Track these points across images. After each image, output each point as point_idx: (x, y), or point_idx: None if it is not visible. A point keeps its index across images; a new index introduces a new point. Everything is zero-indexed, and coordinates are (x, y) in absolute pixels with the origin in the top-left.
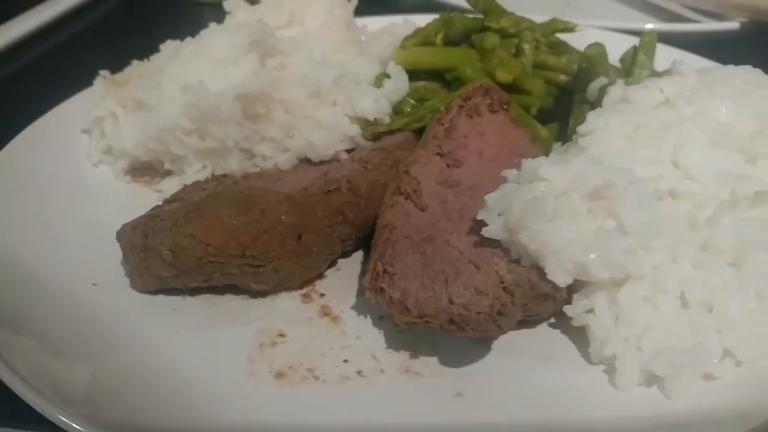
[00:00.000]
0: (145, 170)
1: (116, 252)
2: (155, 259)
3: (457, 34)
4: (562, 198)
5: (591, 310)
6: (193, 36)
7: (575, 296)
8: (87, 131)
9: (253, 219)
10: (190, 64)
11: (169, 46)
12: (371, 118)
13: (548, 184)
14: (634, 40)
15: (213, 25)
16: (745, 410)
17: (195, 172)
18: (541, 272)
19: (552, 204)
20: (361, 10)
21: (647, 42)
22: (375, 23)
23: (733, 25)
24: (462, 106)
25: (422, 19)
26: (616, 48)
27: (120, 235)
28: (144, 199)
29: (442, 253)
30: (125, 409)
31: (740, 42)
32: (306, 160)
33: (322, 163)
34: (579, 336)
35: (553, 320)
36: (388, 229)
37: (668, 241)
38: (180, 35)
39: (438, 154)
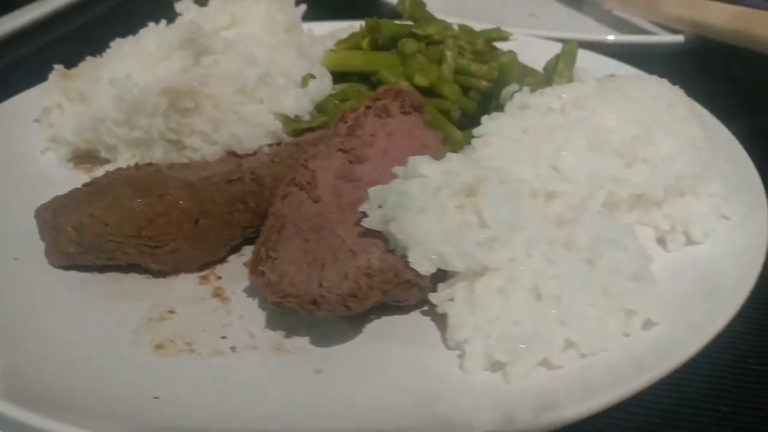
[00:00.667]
0: (86, 158)
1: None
2: (63, 237)
3: (385, 40)
4: (433, 193)
5: (452, 299)
6: None
7: (440, 285)
8: (38, 121)
9: (150, 202)
10: (124, 60)
11: (118, 43)
12: (291, 115)
13: (424, 180)
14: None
15: (151, 25)
16: (580, 397)
17: (125, 160)
18: (407, 261)
19: (420, 198)
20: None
21: (567, 51)
22: (324, 28)
23: (677, 38)
24: (369, 107)
25: None
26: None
27: (37, 214)
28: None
29: (326, 241)
30: (25, 376)
31: (688, 54)
32: (232, 153)
33: (246, 155)
34: (441, 321)
35: (426, 307)
36: (275, 216)
37: (527, 236)
38: None
39: (341, 150)
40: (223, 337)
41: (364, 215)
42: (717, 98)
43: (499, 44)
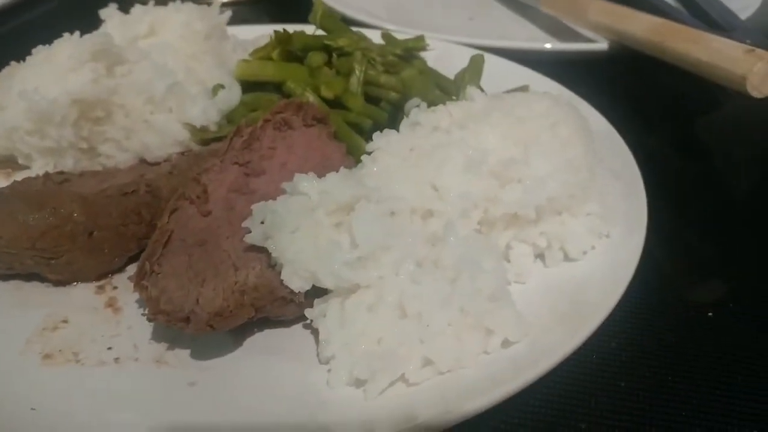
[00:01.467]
0: (7, 163)
1: None
2: None
3: (298, 50)
4: (310, 212)
5: (324, 314)
6: None
7: (316, 301)
8: None
9: (43, 216)
10: (36, 69)
11: (38, 50)
12: (198, 125)
13: (302, 198)
14: (496, 60)
15: (66, 35)
16: (434, 411)
17: (40, 167)
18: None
19: (295, 216)
20: None
21: (474, 63)
22: (251, 32)
23: (602, 45)
24: (268, 120)
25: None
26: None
27: None
28: None
29: (211, 255)
30: None
31: (612, 61)
32: (143, 160)
33: (155, 163)
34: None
35: (309, 321)
36: (161, 231)
37: (396, 255)
38: None
39: (236, 163)
40: (109, 348)
41: (248, 231)
42: (638, 106)
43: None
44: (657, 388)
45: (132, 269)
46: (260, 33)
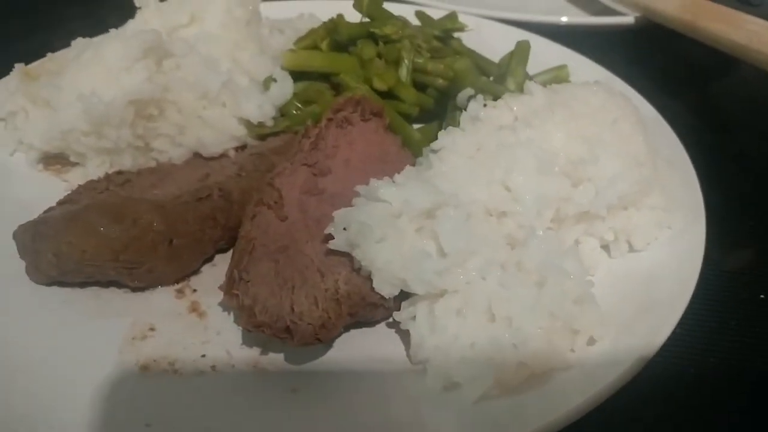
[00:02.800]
0: (56, 159)
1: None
2: (43, 261)
3: (344, 39)
4: (394, 220)
5: (414, 317)
6: None
7: (403, 303)
8: (3, 120)
9: (124, 228)
10: (86, 70)
11: (79, 44)
12: (254, 121)
13: (384, 206)
14: (527, 35)
15: (112, 31)
16: (531, 414)
17: (96, 166)
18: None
19: (381, 226)
20: None
21: (519, 50)
22: (279, 9)
23: (628, 19)
24: (331, 119)
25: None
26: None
27: (15, 236)
28: (53, 187)
29: (295, 261)
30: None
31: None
32: (198, 155)
33: (212, 158)
34: (406, 337)
35: (391, 319)
36: (245, 239)
37: (481, 260)
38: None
39: (305, 164)
40: (203, 356)
41: (330, 237)
42: (665, 78)
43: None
44: None
45: (207, 270)
46: (286, 10)
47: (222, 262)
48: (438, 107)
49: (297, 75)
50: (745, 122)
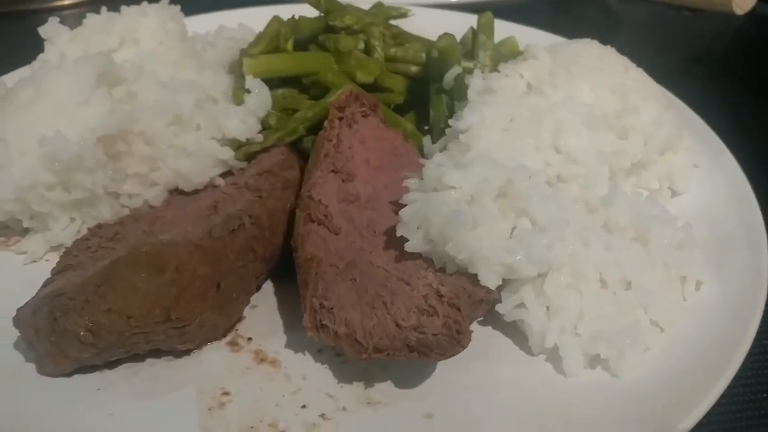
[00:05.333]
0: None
1: (10, 337)
2: (71, 342)
3: (305, 37)
4: (474, 204)
5: (521, 305)
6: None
7: (503, 293)
8: None
9: (169, 279)
10: (32, 112)
11: (19, 85)
12: (243, 139)
13: (457, 192)
14: (466, 18)
15: (46, 63)
16: (679, 375)
17: (63, 228)
18: (472, 279)
19: (469, 213)
20: None
21: (485, 23)
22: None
23: None
24: (341, 118)
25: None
26: (447, 27)
27: (19, 322)
28: (7, 263)
29: (370, 275)
30: None
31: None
32: (178, 191)
33: (196, 192)
34: (510, 330)
35: (481, 318)
36: (314, 262)
37: (576, 228)
38: None
39: (333, 171)
40: (303, 407)
41: (400, 239)
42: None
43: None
44: None
45: (249, 313)
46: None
47: (261, 302)
48: (409, 97)
49: None
50: None
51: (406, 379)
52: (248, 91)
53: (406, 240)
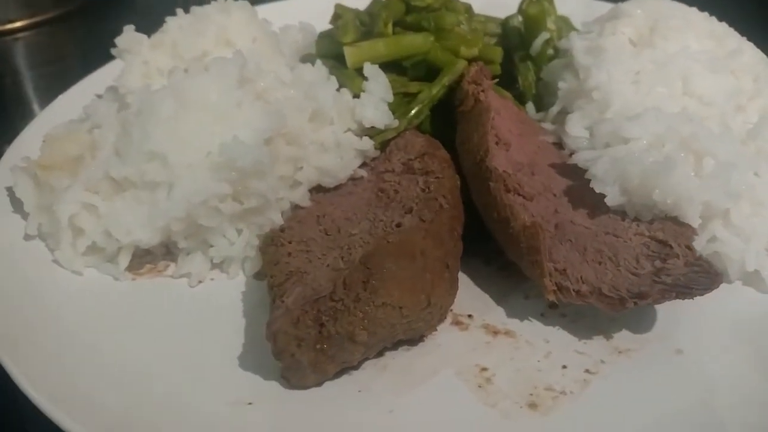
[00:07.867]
0: (140, 258)
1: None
2: (342, 344)
3: (397, 19)
4: (665, 151)
5: (712, 239)
6: None
7: None
8: (44, 236)
9: (421, 265)
10: (184, 122)
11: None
12: (382, 126)
13: (637, 143)
14: None
15: (179, 72)
16: None
17: (231, 243)
18: (673, 222)
19: (671, 159)
20: None
21: None
22: None
23: None
24: (483, 91)
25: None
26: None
27: (276, 335)
28: (166, 290)
29: (580, 234)
30: None
31: None
32: (318, 189)
33: (337, 188)
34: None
35: None
36: (537, 228)
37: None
38: None
39: (496, 142)
40: (564, 367)
41: (597, 198)
42: None
43: None
44: None
45: None
46: None
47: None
48: None
49: None
50: None
51: (636, 325)
52: (366, 79)
53: (596, 196)
